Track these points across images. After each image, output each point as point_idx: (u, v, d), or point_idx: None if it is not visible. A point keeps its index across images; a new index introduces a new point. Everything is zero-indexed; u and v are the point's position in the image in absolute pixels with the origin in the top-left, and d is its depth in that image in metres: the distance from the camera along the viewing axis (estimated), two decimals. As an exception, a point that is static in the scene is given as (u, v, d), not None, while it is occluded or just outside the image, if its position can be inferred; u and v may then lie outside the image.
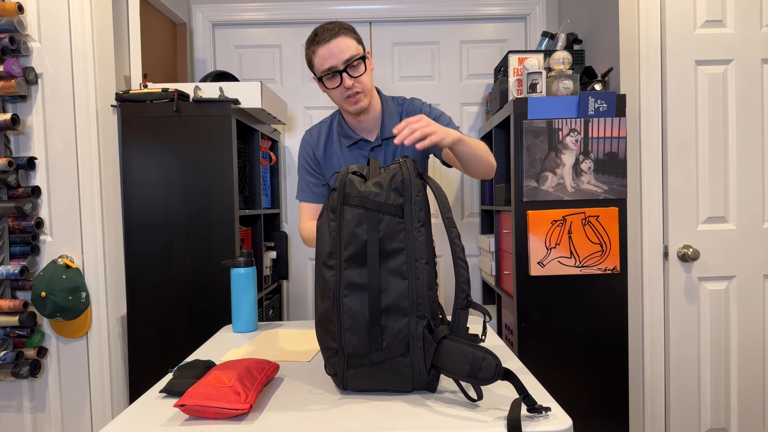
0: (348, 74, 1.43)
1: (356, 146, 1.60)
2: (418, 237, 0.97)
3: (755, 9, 2.04)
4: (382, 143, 1.58)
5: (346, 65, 1.42)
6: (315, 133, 1.65)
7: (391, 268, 0.98)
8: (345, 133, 1.59)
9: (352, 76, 1.44)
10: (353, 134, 1.59)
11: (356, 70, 1.44)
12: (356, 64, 1.44)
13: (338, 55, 1.41)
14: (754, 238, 2.08)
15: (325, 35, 1.42)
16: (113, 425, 0.89)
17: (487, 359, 0.88)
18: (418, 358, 0.96)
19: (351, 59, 1.42)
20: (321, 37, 1.42)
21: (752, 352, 2.09)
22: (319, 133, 1.64)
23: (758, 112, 2.06)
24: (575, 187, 2.02)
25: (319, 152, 1.63)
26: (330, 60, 1.42)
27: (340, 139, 1.61)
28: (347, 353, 0.98)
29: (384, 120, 1.58)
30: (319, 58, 1.44)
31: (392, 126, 1.58)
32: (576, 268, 2.00)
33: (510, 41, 2.96)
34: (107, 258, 2.03)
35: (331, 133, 1.63)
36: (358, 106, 1.48)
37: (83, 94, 1.98)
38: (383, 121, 1.58)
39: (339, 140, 1.61)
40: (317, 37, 1.43)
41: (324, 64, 1.43)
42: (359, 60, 1.44)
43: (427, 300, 0.97)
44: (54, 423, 2.06)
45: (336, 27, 1.43)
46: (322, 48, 1.42)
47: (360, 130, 1.59)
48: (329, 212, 1.02)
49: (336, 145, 1.62)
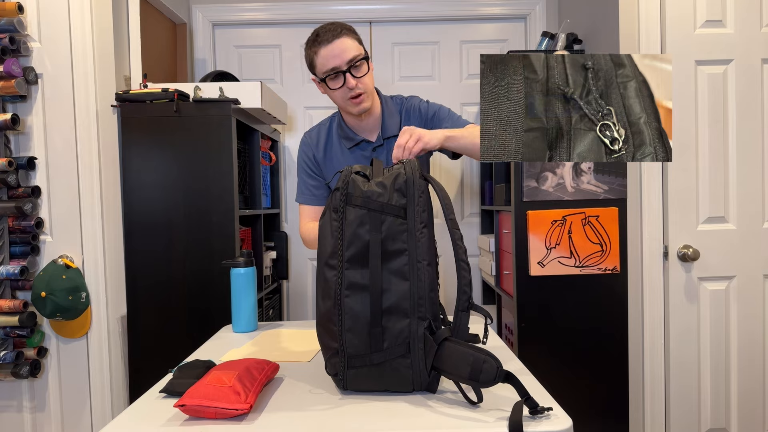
0: (351, 75, 1.42)
1: (358, 147, 1.59)
2: (420, 238, 0.97)
3: (755, 9, 2.04)
4: (383, 143, 1.58)
5: (349, 66, 1.42)
6: (314, 136, 1.64)
7: (392, 269, 0.97)
8: (346, 135, 1.59)
9: (355, 77, 1.43)
10: (354, 135, 1.58)
11: (359, 70, 1.44)
12: (359, 65, 1.43)
13: (341, 55, 1.40)
14: (754, 238, 2.08)
15: (327, 36, 1.41)
16: (113, 425, 0.89)
17: (488, 362, 0.87)
18: (418, 360, 0.96)
19: (354, 59, 1.42)
20: (323, 38, 1.41)
21: (752, 352, 2.09)
22: (318, 135, 1.63)
23: (758, 112, 2.06)
24: (575, 187, 2.02)
25: (319, 154, 1.62)
26: (333, 60, 1.41)
27: (341, 141, 1.60)
28: (348, 353, 0.98)
29: (384, 119, 1.58)
30: (322, 59, 1.42)
31: (393, 125, 1.58)
32: (576, 268, 2.00)
33: (510, 41, 2.96)
34: (107, 258, 2.03)
35: (330, 136, 1.62)
36: (360, 107, 1.47)
37: (83, 94, 1.98)
38: (383, 121, 1.58)
39: (339, 142, 1.60)
40: (319, 37, 1.42)
41: (327, 65, 1.42)
42: (362, 60, 1.44)
43: (428, 301, 0.97)
44: (54, 423, 2.05)
45: (338, 27, 1.42)
46: (325, 48, 1.41)
47: (361, 131, 1.59)
48: (331, 212, 1.01)
49: (336, 147, 1.61)
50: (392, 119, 1.58)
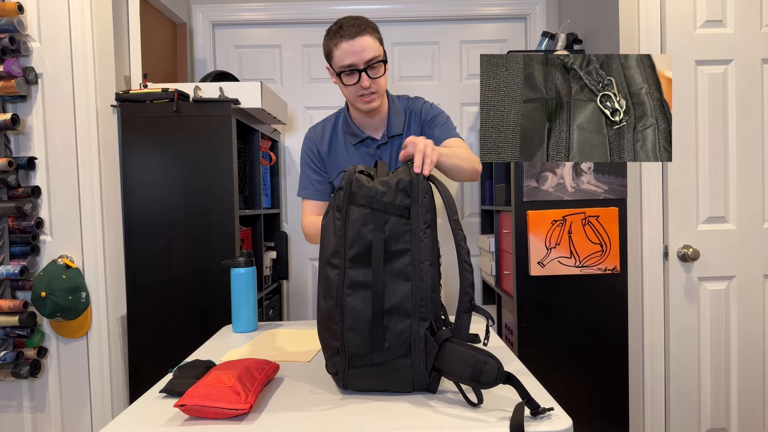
0: (367, 74, 1.43)
1: (362, 144, 1.60)
2: (423, 239, 0.97)
3: (755, 9, 2.04)
4: (388, 141, 1.59)
5: (366, 65, 1.42)
6: (319, 131, 1.64)
7: (395, 270, 0.97)
8: (351, 131, 1.59)
9: (370, 77, 1.43)
10: (360, 132, 1.59)
11: (376, 71, 1.45)
12: (376, 66, 1.44)
13: (361, 54, 1.41)
14: (754, 238, 2.08)
15: (351, 30, 1.40)
16: (113, 425, 0.89)
17: (489, 363, 0.88)
18: (419, 360, 0.96)
19: (372, 60, 1.42)
20: (346, 32, 1.41)
21: (752, 352, 2.09)
22: (323, 130, 1.64)
23: (758, 112, 2.06)
24: (575, 187, 2.02)
25: (324, 149, 1.62)
26: (351, 57, 1.41)
27: (346, 137, 1.61)
28: (349, 353, 0.98)
29: (390, 118, 1.58)
30: (341, 52, 1.42)
31: (398, 124, 1.59)
32: (576, 268, 2.00)
33: (510, 41, 2.96)
34: (107, 258, 2.03)
35: (336, 131, 1.63)
36: (370, 106, 1.49)
37: (83, 94, 1.98)
38: (389, 120, 1.58)
39: (345, 138, 1.61)
40: (342, 30, 1.41)
41: (345, 60, 1.42)
42: (380, 62, 1.44)
43: (430, 302, 0.96)
44: (54, 423, 2.05)
45: (363, 24, 1.42)
46: (346, 43, 1.40)
47: (366, 128, 1.60)
48: (335, 211, 1.01)
49: (341, 143, 1.62)
50: (398, 118, 1.59)
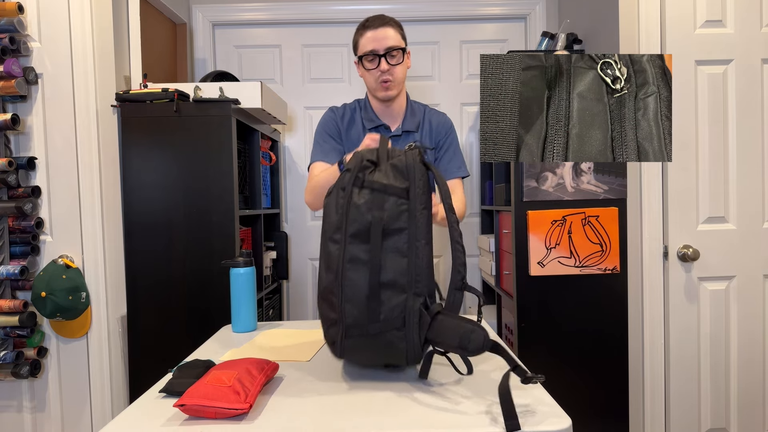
0: (386, 60, 1.62)
1: (377, 130, 1.73)
2: (420, 219, 1.02)
3: (755, 9, 2.04)
4: (402, 134, 1.73)
5: (386, 52, 1.61)
6: (340, 110, 1.79)
7: (392, 247, 1.02)
8: (369, 117, 1.75)
9: (389, 63, 1.62)
10: (376, 119, 1.74)
11: (394, 58, 1.64)
12: (395, 54, 1.63)
13: (382, 41, 1.61)
14: (754, 238, 2.08)
15: (375, 22, 1.63)
16: (113, 425, 0.89)
17: (475, 332, 0.92)
18: (413, 333, 1.00)
19: (392, 48, 1.62)
20: (371, 23, 1.63)
21: (752, 352, 2.09)
22: (344, 110, 1.79)
23: (758, 112, 2.06)
24: (575, 187, 2.02)
25: (343, 127, 1.76)
26: (373, 43, 1.62)
27: (363, 121, 1.76)
28: (346, 323, 1.02)
29: (407, 114, 1.75)
30: (365, 40, 1.63)
31: (414, 122, 1.75)
32: (576, 268, 2.00)
33: (510, 41, 2.96)
34: (107, 258, 2.03)
35: (354, 116, 1.78)
36: (387, 93, 1.66)
37: (83, 94, 1.98)
38: (406, 115, 1.75)
39: (362, 122, 1.76)
40: (367, 22, 1.64)
41: (367, 46, 1.63)
42: (399, 51, 1.63)
43: (425, 278, 1.01)
44: (54, 423, 2.06)
45: (386, 18, 1.65)
46: (370, 32, 1.62)
47: (383, 116, 1.75)
48: (339, 189, 1.06)
49: (358, 125, 1.76)
50: (414, 117, 1.76)
